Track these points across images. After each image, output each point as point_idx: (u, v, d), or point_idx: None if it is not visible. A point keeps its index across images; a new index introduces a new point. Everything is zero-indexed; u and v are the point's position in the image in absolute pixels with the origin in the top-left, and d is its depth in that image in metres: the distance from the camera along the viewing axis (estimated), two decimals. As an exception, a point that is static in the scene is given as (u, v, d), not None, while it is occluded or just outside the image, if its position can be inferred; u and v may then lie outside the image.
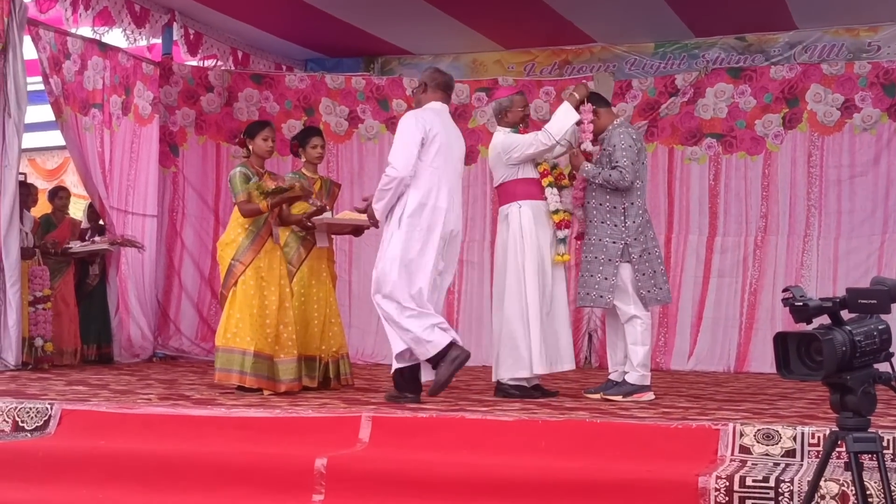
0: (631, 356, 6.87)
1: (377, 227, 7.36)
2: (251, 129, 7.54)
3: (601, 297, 6.90)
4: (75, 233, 10.21)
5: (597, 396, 6.90)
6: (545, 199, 7.15)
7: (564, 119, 7.07)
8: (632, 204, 6.94)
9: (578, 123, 7.08)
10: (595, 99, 7.25)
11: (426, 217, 6.57)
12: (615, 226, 6.92)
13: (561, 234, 7.13)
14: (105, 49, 10.25)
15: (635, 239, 6.90)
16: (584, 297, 7.03)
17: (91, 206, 10.58)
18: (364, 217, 7.43)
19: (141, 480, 5.18)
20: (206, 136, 11.40)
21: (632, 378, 6.85)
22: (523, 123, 7.34)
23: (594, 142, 7.10)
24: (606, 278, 6.87)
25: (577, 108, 7.07)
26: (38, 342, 9.29)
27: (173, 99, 11.19)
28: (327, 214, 7.61)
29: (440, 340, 6.49)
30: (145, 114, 10.76)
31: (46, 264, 9.66)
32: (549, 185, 7.15)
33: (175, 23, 10.77)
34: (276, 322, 7.19)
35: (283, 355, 7.18)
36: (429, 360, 6.56)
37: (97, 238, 10.10)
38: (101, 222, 10.42)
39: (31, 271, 9.36)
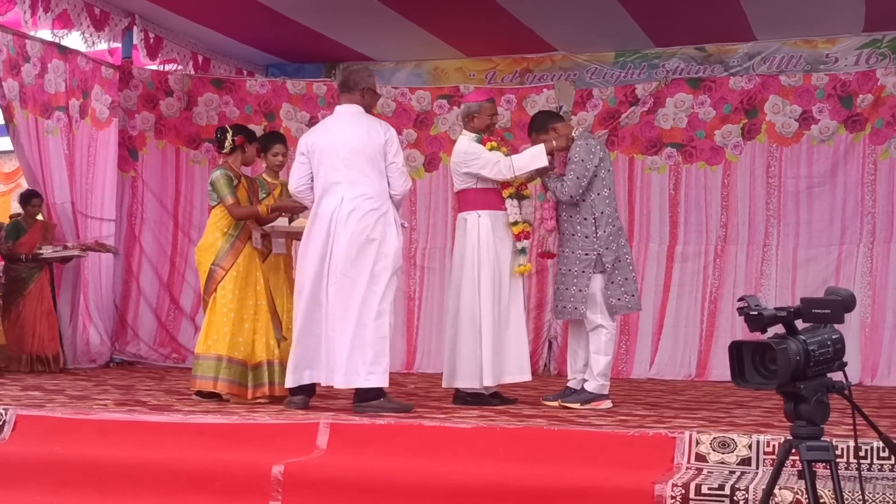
0: (592, 365, 6.88)
1: None
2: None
3: (576, 308, 6.91)
4: (48, 237, 10.02)
5: (555, 404, 6.92)
6: (505, 209, 7.13)
7: (532, 161, 6.98)
8: (602, 213, 6.95)
9: (542, 171, 7.05)
10: (551, 117, 7.28)
11: (315, 228, 6.53)
12: (586, 237, 6.92)
13: (520, 244, 7.10)
14: (65, 52, 10.18)
15: (607, 248, 6.91)
16: (562, 311, 7.02)
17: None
18: None
19: (96, 487, 5.15)
20: (166, 141, 11.34)
21: (591, 386, 6.87)
22: (489, 131, 7.28)
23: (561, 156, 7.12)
24: (580, 290, 6.88)
25: (551, 154, 7.04)
26: None
27: (133, 103, 11.12)
28: (283, 221, 7.58)
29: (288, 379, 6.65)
30: (102, 117, 10.66)
31: (16, 270, 9.64)
32: (510, 196, 7.11)
33: (135, 26, 10.70)
34: (252, 328, 7.15)
35: (255, 361, 7.14)
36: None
37: (69, 244, 10.00)
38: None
39: None
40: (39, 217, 10.14)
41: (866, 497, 4.32)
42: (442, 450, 5.27)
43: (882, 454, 4.73)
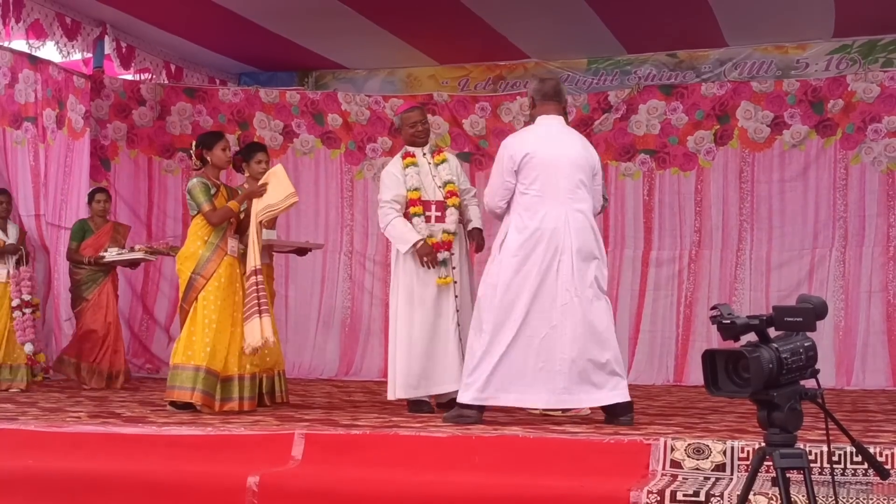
0: None
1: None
2: (207, 141, 7.32)
3: None
4: (118, 239, 9.53)
5: (537, 412, 6.83)
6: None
7: (396, 241, 7.07)
8: None
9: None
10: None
11: (533, 242, 6.10)
12: None
13: (441, 255, 6.99)
14: (36, 62, 10.12)
15: None
16: None
17: None
18: (306, 240, 7.43)
19: (70, 501, 5.12)
20: (138, 150, 11.30)
21: None
22: (416, 142, 7.20)
23: None
24: None
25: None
26: (28, 348, 8.85)
27: (105, 112, 11.08)
28: (272, 234, 7.57)
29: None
30: (78, 127, 10.62)
31: (79, 274, 9.34)
32: (416, 214, 7.03)
33: (107, 36, 10.66)
34: (227, 339, 7.07)
35: (226, 374, 7.09)
36: None
37: (136, 246, 9.44)
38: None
39: (15, 274, 8.92)
40: (110, 218, 9.83)
41: (839, 502, 4.34)
42: (418, 459, 5.26)
43: (855, 459, 4.75)
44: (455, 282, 7.03)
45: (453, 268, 7.04)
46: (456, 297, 7.03)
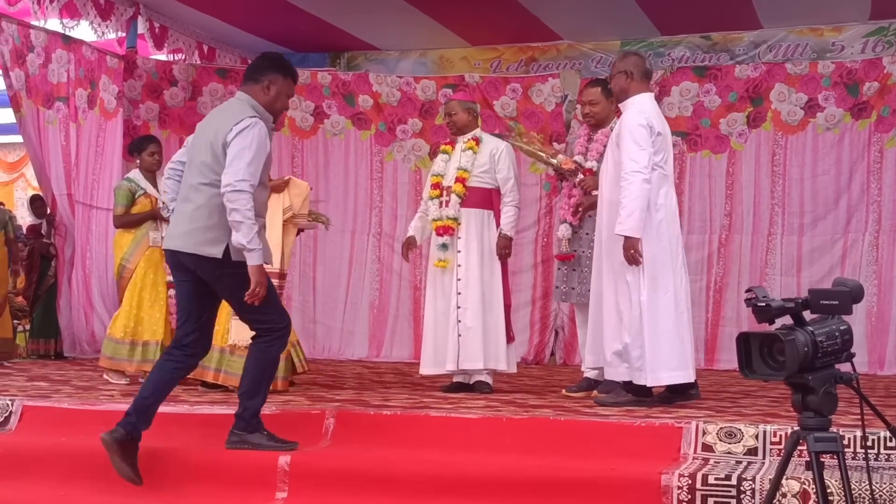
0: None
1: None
2: (139, 145, 8.09)
3: None
4: None
5: (580, 395, 6.79)
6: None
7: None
8: None
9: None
10: (605, 86, 7.07)
11: (667, 221, 6.21)
12: None
13: (440, 240, 7.17)
14: (69, 42, 10.15)
15: None
16: (586, 294, 6.74)
17: (33, 200, 10.37)
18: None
19: (103, 478, 5.15)
20: (170, 131, 11.30)
21: None
22: (450, 131, 7.45)
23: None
24: None
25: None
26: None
27: (137, 93, 11.08)
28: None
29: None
30: (110, 108, 10.63)
31: None
32: (433, 198, 7.29)
33: (140, 16, 10.67)
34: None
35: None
36: None
37: None
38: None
39: None
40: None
41: (874, 487, 4.31)
42: (448, 440, 5.28)
43: (889, 444, 4.73)
44: (459, 265, 7.13)
45: (458, 251, 7.14)
46: (459, 279, 7.10)
